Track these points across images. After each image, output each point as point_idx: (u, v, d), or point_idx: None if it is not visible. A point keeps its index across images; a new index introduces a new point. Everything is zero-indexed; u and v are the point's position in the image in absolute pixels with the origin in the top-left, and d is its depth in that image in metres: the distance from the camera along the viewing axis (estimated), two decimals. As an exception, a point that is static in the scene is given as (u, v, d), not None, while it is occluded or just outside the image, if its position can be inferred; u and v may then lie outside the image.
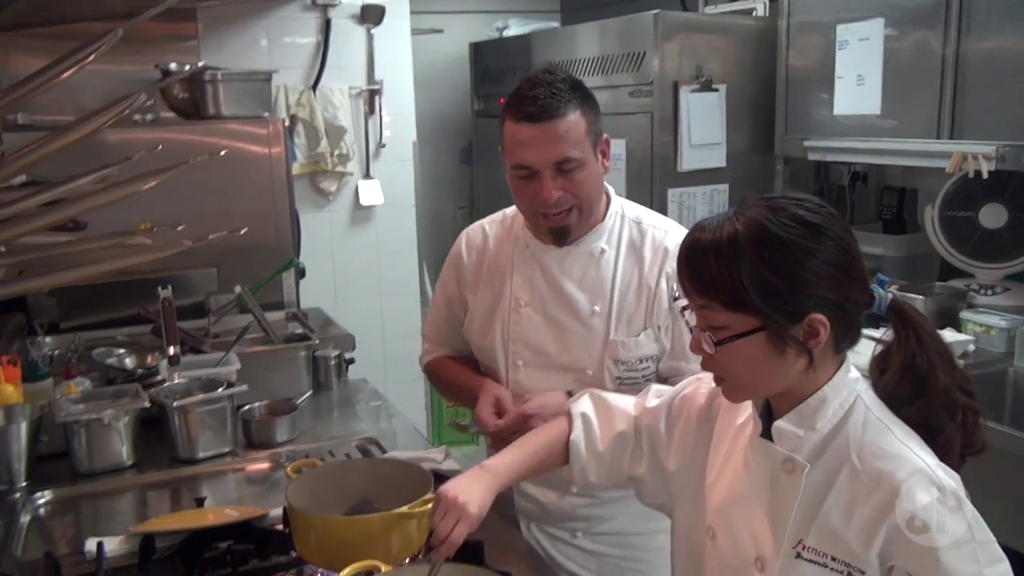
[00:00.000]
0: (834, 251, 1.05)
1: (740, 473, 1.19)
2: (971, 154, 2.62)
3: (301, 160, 3.76)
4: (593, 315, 1.64)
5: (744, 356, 1.08)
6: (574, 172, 1.54)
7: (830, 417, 1.09)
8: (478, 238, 1.81)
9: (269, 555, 1.53)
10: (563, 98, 1.52)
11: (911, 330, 1.09)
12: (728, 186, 3.51)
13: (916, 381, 1.08)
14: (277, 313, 2.80)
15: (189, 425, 1.98)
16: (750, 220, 1.06)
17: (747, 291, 1.04)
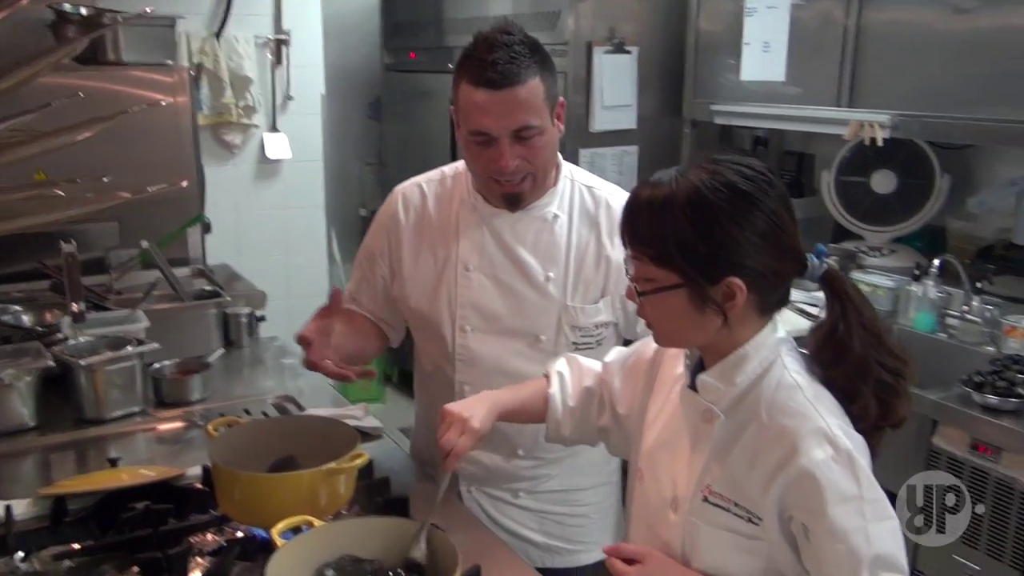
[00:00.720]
0: (762, 221, 1.08)
1: (670, 420, 1.25)
2: (868, 122, 2.75)
3: (205, 111, 3.62)
4: (548, 281, 1.62)
5: (666, 309, 1.13)
6: (533, 139, 1.50)
7: (749, 373, 1.14)
8: (416, 197, 1.72)
9: (188, 514, 1.50)
10: (523, 63, 1.46)
11: (838, 300, 1.13)
12: (638, 148, 3.57)
13: (834, 348, 1.13)
14: (183, 269, 2.71)
15: (97, 385, 1.92)
16: (687, 182, 1.09)
17: (671, 249, 1.09)
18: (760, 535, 1.12)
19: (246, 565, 1.37)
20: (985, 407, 2.10)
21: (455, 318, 1.65)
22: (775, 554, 1.12)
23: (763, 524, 1.11)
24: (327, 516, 1.35)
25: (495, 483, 1.72)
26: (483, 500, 1.73)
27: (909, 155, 3.07)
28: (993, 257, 2.80)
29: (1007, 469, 2.03)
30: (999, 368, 2.21)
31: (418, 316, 1.71)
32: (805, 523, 1.08)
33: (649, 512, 1.25)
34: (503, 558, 1.45)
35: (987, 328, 2.57)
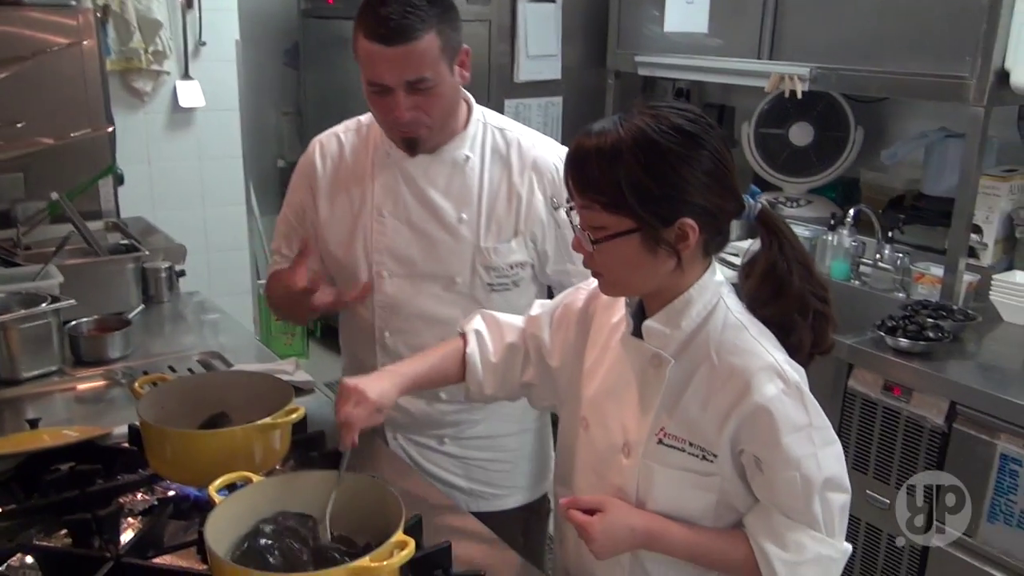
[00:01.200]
0: (709, 161, 1.09)
1: (612, 368, 1.26)
2: (788, 75, 2.80)
3: (112, 57, 3.45)
4: (460, 223, 1.63)
5: (619, 255, 1.13)
6: (429, 91, 1.50)
7: (694, 317, 1.17)
8: (333, 146, 1.72)
9: (116, 474, 1.47)
10: (418, 17, 1.44)
11: (775, 237, 1.17)
12: (562, 99, 3.57)
13: (774, 284, 1.17)
14: (95, 223, 2.59)
15: (10, 343, 1.83)
16: (633, 127, 1.09)
17: (624, 194, 1.09)
18: (714, 471, 1.16)
19: (180, 524, 1.34)
20: (897, 350, 2.20)
21: (371, 264, 1.66)
22: (727, 487, 1.17)
23: (717, 460, 1.15)
24: (262, 472, 1.33)
25: (420, 430, 1.74)
26: (408, 447, 1.76)
27: (825, 108, 3.15)
28: (904, 207, 2.91)
29: (917, 408, 2.14)
30: (910, 313, 2.31)
31: (336, 263, 1.71)
32: (757, 455, 1.13)
33: (597, 459, 1.26)
34: (436, 502, 1.46)
35: (898, 275, 2.69)
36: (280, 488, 1.22)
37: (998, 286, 2.42)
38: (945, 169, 2.74)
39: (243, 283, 4.07)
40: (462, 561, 1.26)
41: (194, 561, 1.26)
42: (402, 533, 1.08)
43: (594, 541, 1.18)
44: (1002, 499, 2.00)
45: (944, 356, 2.19)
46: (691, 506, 1.18)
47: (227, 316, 2.37)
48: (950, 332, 2.22)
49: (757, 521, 1.16)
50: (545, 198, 1.64)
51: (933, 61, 2.44)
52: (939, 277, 2.52)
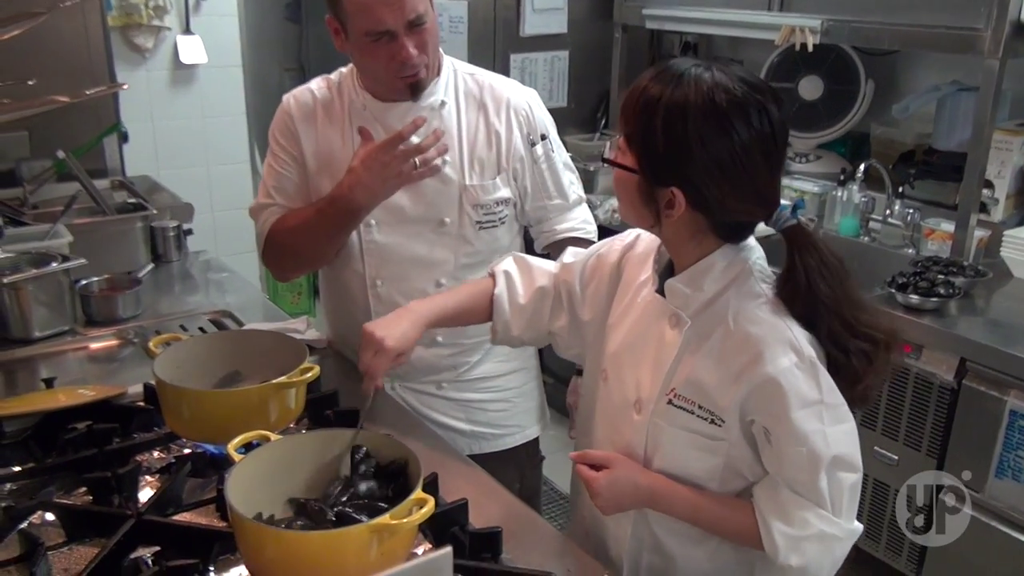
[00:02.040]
0: (727, 153, 1.06)
1: (635, 324, 1.26)
2: (799, 27, 2.76)
3: (112, 12, 3.39)
4: (444, 165, 1.64)
5: (621, 184, 1.17)
6: (424, 28, 1.55)
7: (717, 280, 1.16)
8: (307, 99, 1.72)
9: (133, 433, 1.47)
10: None
11: (796, 258, 1.11)
12: (568, 53, 3.52)
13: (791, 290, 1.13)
14: (102, 181, 2.58)
15: (22, 303, 1.83)
16: (685, 86, 1.07)
17: (638, 134, 1.11)
18: (722, 436, 1.16)
19: (198, 481, 1.35)
20: (908, 307, 2.20)
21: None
22: (734, 452, 1.17)
23: (725, 425, 1.15)
24: (277, 430, 1.34)
25: (418, 377, 1.76)
26: (408, 395, 1.78)
27: (836, 61, 3.11)
28: (914, 162, 2.89)
29: (926, 365, 2.14)
30: (920, 270, 2.30)
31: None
32: (767, 426, 1.12)
33: (613, 411, 1.28)
34: (457, 465, 1.47)
35: (908, 231, 2.67)
36: (297, 446, 1.23)
37: (1009, 242, 2.40)
38: (957, 123, 2.71)
39: (248, 241, 4.02)
40: (478, 518, 1.27)
41: (213, 518, 1.27)
42: (421, 491, 1.08)
43: (598, 496, 1.19)
44: (1010, 455, 2.01)
45: (954, 313, 2.19)
46: (696, 467, 1.19)
47: (235, 275, 2.36)
48: (960, 288, 2.21)
49: (765, 495, 1.16)
50: (522, 135, 1.70)
51: (947, 12, 2.40)
52: (950, 233, 2.51)
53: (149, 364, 1.42)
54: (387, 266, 1.70)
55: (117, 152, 2.87)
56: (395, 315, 1.40)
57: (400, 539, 1.06)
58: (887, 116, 3.04)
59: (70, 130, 2.56)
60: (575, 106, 3.58)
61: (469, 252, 1.70)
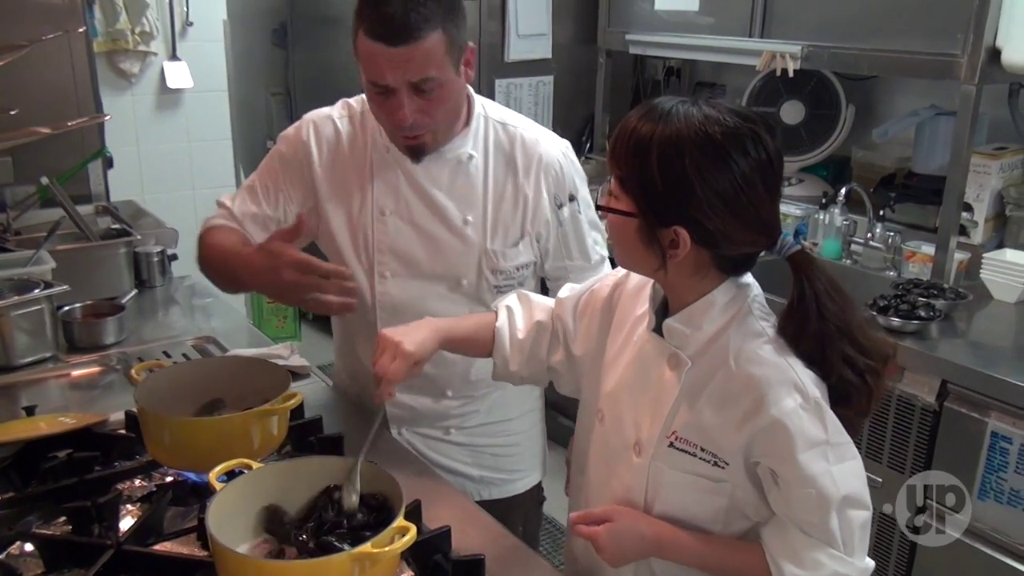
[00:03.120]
0: (728, 185, 1.05)
1: (632, 363, 1.24)
2: (779, 53, 2.79)
3: (98, 38, 3.41)
4: (466, 224, 1.58)
5: (619, 230, 1.14)
6: (433, 92, 1.43)
7: (716, 320, 1.14)
8: (329, 132, 1.62)
9: (114, 461, 1.46)
10: (422, 15, 1.36)
11: (803, 282, 1.09)
12: (553, 78, 3.55)
13: (795, 325, 1.11)
14: (86, 207, 2.57)
15: (3, 329, 1.81)
16: (675, 122, 1.06)
17: (634, 179, 1.09)
18: (725, 478, 1.13)
19: (179, 510, 1.34)
20: (889, 329, 2.21)
21: (373, 264, 1.61)
22: (738, 494, 1.14)
23: (729, 468, 1.12)
24: (260, 458, 1.33)
25: (425, 423, 1.72)
26: (414, 440, 1.73)
27: (817, 86, 3.15)
28: (895, 185, 2.92)
29: (908, 387, 2.16)
30: (901, 292, 2.32)
31: (336, 259, 1.64)
32: (774, 468, 1.10)
33: (609, 453, 1.25)
34: (441, 491, 1.46)
35: (889, 254, 2.70)
36: (280, 474, 1.22)
37: (989, 264, 2.43)
38: (936, 147, 2.74)
39: (234, 265, 4.05)
40: (461, 546, 1.27)
41: (194, 547, 1.26)
42: (403, 519, 1.08)
43: (604, 551, 1.17)
44: (992, 476, 2.02)
45: (935, 335, 2.21)
46: (699, 510, 1.16)
47: (219, 300, 2.35)
48: (941, 311, 2.23)
49: (774, 537, 1.13)
50: (550, 196, 1.61)
51: (924, 39, 2.43)
52: (930, 255, 2.53)
53: (131, 391, 1.42)
54: (398, 319, 1.54)
55: (102, 177, 2.87)
56: (414, 324, 1.35)
57: (382, 568, 1.06)
58: (867, 140, 3.08)
59: (54, 156, 2.56)
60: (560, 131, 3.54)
61: (484, 311, 1.58)
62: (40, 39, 0.82)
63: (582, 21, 3.56)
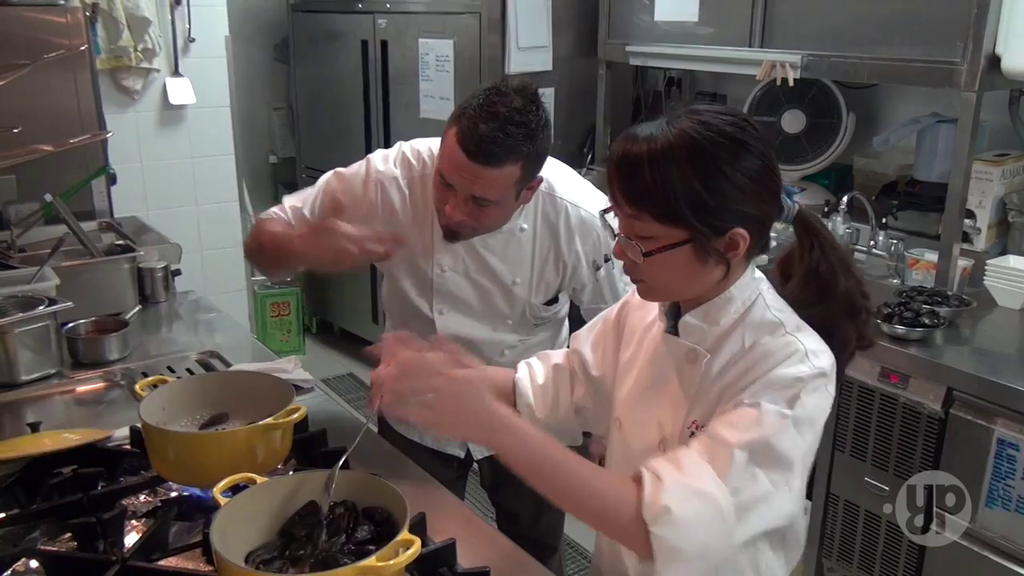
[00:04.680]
0: (757, 167, 1.07)
1: (646, 366, 1.25)
2: (779, 62, 2.80)
3: (101, 55, 3.43)
4: (514, 285, 1.75)
5: (668, 265, 1.11)
6: (487, 207, 1.56)
7: (732, 314, 1.15)
8: (394, 195, 1.73)
9: (119, 477, 1.47)
10: (508, 147, 1.47)
11: (815, 239, 1.15)
12: (554, 90, 3.56)
13: (819, 286, 1.15)
14: (89, 223, 2.59)
15: (8, 346, 1.82)
16: (682, 133, 1.06)
17: (679, 204, 1.06)
18: None
19: (184, 525, 1.34)
20: (894, 337, 2.21)
21: (432, 302, 1.80)
22: None
23: None
24: (264, 472, 1.33)
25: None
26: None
27: (817, 95, 3.15)
28: (897, 193, 2.92)
29: (913, 395, 2.15)
30: (905, 300, 2.31)
31: (402, 291, 1.82)
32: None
33: (631, 458, 1.23)
34: (446, 504, 1.46)
35: (892, 262, 2.70)
36: (284, 488, 1.22)
37: (992, 271, 2.42)
38: (937, 154, 2.74)
39: (237, 281, 4.06)
40: (467, 559, 1.27)
41: (199, 563, 1.26)
42: (407, 532, 1.08)
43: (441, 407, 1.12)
44: (1000, 484, 2.01)
45: (940, 342, 2.21)
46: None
47: (223, 315, 2.36)
48: (945, 318, 2.23)
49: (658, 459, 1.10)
50: (588, 262, 1.76)
51: (924, 47, 2.44)
52: (933, 263, 2.53)
53: (136, 407, 1.42)
54: (457, 341, 1.69)
55: (105, 194, 2.89)
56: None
57: (387, 581, 1.06)
58: (869, 148, 3.08)
59: (58, 173, 2.57)
60: (561, 142, 3.61)
61: (528, 334, 1.86)
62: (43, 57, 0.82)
63: (582, 33, 3.57)
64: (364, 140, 4.08)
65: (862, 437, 2.29)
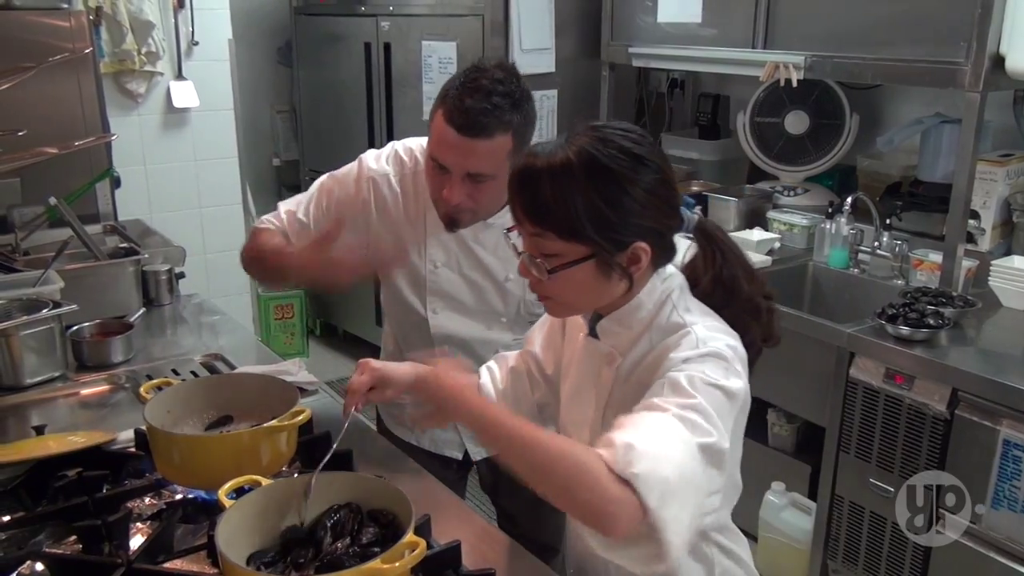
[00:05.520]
0: (655, 181, 1.11)
1: (577, 369, 1.29)
2: (783, 63, 2.80)
3: (105, 59, 3.44)
4: (507, 281, 1.75)
5: (573, 281, 1.13)
6: (484, 183, 1.56)
7: (642, 318, 1.18)
8: (386, 192, 1.74)
9: (124, 480, 1.47)
10: (497, 116, 1.49)
11: (716, 247, 1.21)
12: (557, 92, 3.56)
13: (725, 291, 1.20)
14: (94, 226, 2.59)
15: (13, 350, 1.83)
16: (581, 150, 1.09)
17: (580, 220, 1.08)
18: None
19: (189, 528, 1.34)
20: (898, 338, 2.20)
21: (426, 302, 1.79)
22: None
23: None
24: (269, 474, 1.34)
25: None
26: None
27: (821, 96, 3.16)
28: (901, 194, 2.92)
29: (919, 396, 2.15)
30: (910, 300, 2.31)
31: (396, 291, 1.82)
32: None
33: None
34: (451, 506, 1.46)
35: (897, 262, 2.69)
36: (289, 490, 1.22)
37: (997, 271, 2.42)
38: (941, 155, 2.74)
39: (241, 283, 4.07)
40: (472, 561, 1.27)
41: (204, 565, 1.26)
42: (412, 534, 1.08)
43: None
44: (1006, 485, 2.01)
45: (945, 343, 2.20)
46: None
47: (227, 317, 2.37)
48: (950, 319, 2.22)
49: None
50: None
51: (927, 47, 2.43)
52: (938, 263, 2.52)
53: (140, 409, 1.42)
54: (452, 340, 1.81)
55: (109, 197, 2.89)
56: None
57: (392, 583, 1.06)
58: (873, 149, 3.08)
59: (62, 176, 2.58)
60: (564, 144, 3.61)
61: (524, 331, 1.77)
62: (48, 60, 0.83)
63: (585, 35, 3.57)
64: (367, 143, 4.08)
65: (867, 438, 2.29)
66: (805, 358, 2.44)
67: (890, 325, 2.21)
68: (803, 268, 2.93)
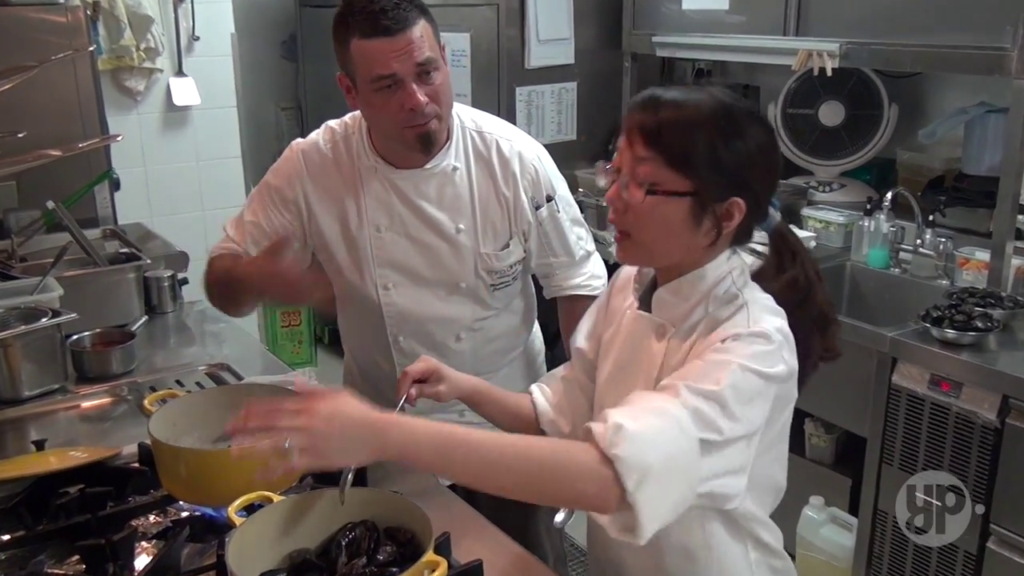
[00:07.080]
0: (768, 143, 1.18)
1: (622, 346, 1.30)
2: (816, 51, 2.79)
3: (103, 55, 3.46)
4: (459, 232, 1.74)
5: (662, 216, 1.15)
6: (433, 75, 1.61)
7: (703, 288, 1.20)
8: (317, 158, 1.78)
9: (128, 496, 1.47)
10: (406, 7, 1.58)
11: (795, 251, 1.23)
12: (576, 84, 3.56)
13: (797, 298, 1.21)
14: (93, 231, 2.62)
15: (11, 361, 1.85)
16: (715, 95, 1.16)
17: (696, 151, 1.12)
18: None
19: (197, 547, 1.35)
20: (944, 342, 2.19)
21: (376, 278, 1.77)
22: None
23: None
24: (279, 490, 1.34)
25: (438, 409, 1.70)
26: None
27: (857, 85, 3.14)
28: (944, 188, 2.89)
29: (967, 403, 2.13)
30: (955, 302, 2.29)
31: (343, 281, 1.81)
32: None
33: None
34: (471, 523, 1.46)
35: (941, 261, 2.67)
36: (302, 507, 1.22)
37: (1049, 270, 2.40)
38: (987, 146, 2.72)
39: (246, 289, 4.10)
40: (494, 578, 1.27)
41: (213, 586, 1.26)
42: (432, 552, 1.08)
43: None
44: (1061, 497, 1.99)
45: (994, 347, 2.18)
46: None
47: (232, 325, 2.37)
48: (1000, 321, 2.21)
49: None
50: (528, 199, 1.78)
51: (971, 32, 2.42)
52: (985, 262, 2.50)
53: (144, 422, 1.44)
54: (407, 324, 1.80)
55: (108, 200, 2.92)
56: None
57: (412, 605, 1.06)
58: (913, 141, 3.06)
59: (60, 179, 2.60)
60: (585, 139, 3.61)
61: (485, 308, 1.82)
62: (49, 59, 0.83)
63: (606, 24, 3.57)
64: (377, 140, 4.09)
65: (911, 449, 2.27)
66: (844, 364, 2.37)
67: (935, 328, 2.20)
68: (840, 268, 2.91)
